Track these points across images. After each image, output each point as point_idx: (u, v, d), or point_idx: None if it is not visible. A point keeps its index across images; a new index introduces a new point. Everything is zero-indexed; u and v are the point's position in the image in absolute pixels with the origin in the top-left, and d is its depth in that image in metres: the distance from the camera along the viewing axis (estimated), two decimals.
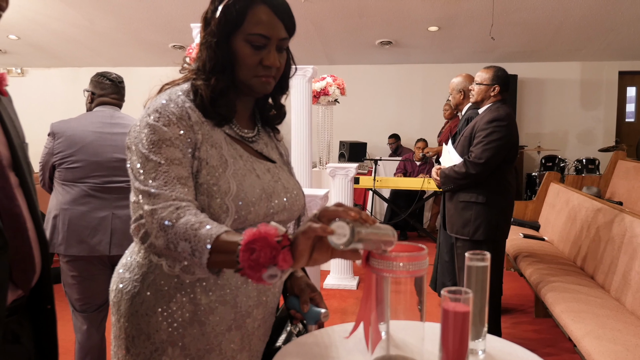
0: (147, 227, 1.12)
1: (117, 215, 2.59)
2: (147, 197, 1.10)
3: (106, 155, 2.60)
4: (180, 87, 1.27)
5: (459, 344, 0.85)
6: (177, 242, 1.04)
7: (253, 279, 0.92)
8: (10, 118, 1.16)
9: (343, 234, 0.89)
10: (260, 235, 0.91)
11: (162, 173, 1.12)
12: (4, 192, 1.03)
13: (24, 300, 1.11)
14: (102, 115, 2.69)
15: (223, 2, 1.22)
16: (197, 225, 1.02)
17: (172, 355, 1.21)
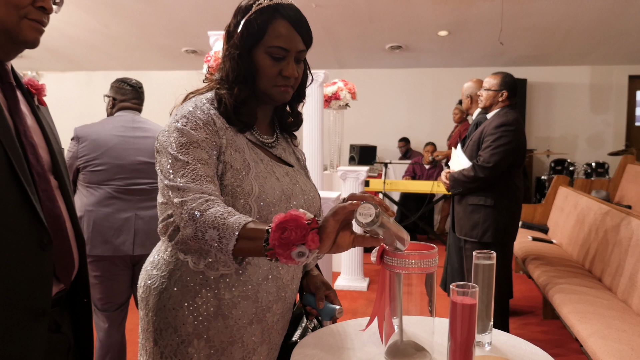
0: (176, 219, 1.19)
1: (140, 216, 2.67)
2: (176, 191, 1.18)
3: (129, 158, 2.69)
4: (205, 96, 1.36)
5: (467, 334, 0.93)
6: (206, 230, 1.10)
7: (282, 256, 0.99)
8: (49, 125, 1.25)
9: (369, 214, 0.97)
10: (291, 217, 0.99)
11: (190, 171, 1.19)
12: (46, 195, 1.11)
13: (65, 293, 1.20)
14: (124, 119, 2.78)
15: (245, 17, 1.31)
16: (225, 214, 1.09)
17: (198, 347, 1.29)
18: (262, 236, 1.03)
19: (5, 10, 1.07)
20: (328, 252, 1.02)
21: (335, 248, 1.02)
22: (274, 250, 1.00)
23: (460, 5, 6.22)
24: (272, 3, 1.31)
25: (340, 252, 1.04)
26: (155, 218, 2.71)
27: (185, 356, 1.30)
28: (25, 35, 1.11)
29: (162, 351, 1.32)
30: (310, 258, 0.99)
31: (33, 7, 1.10)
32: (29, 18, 1.10)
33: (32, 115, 1.20)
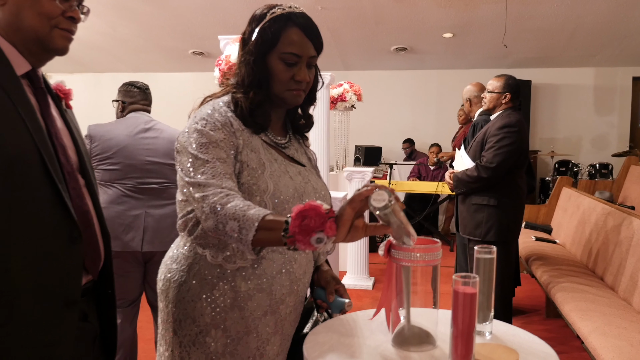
0: (197, 213, 1.25)
1: (150, 214, 2.75)
2: (197, 187, 1.25)
3: (140, 158, 2.77)
4: (222, 99, 1.44)
5: (468, 321, 1.00)
6: (226, 222, 1.16)
7: (301, 243, 1.06)
8: (76, 128, 1.33)
9: (382, 199, 1.05)
10: (310, 206, 1.06)
11: (210, 168, 1.27)
12: (75, 192, 1.20)
13: (92, 284, 1.29)
14: (135, 121, 2.86)
15: (260, 25, 1.39)
16: (245, 207, 1.17)
17: (215, 336, 1.37)
18: (281, 226, 1.10)
19: (38, 20, 1.15)
20: (343, 240, 1.09)
21: (350, 237, 1.09)
22: (294, 237, 1.07)
23: (465, 7, 6.28)
24: (284, 12, 1.39)
25: (354, 241, 1.11)
26: (165, 216, 2.80)
27: (203, 345, 1.38)
28: (56, 44, 1.20)
29: (181, 341, 1.40)
30: (328, 245, 1.06)
31: (63, 17, 1.19)
32: (60, 27, 1.19)
33: (61, 118, 1.28)
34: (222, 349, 1.38)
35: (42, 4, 1.15)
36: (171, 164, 2.81)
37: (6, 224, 1.07)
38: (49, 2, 1.16)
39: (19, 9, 1.15)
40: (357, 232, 1.10)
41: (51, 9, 1.16)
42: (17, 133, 1.09)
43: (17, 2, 1.14)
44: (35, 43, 1.18)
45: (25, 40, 1.17)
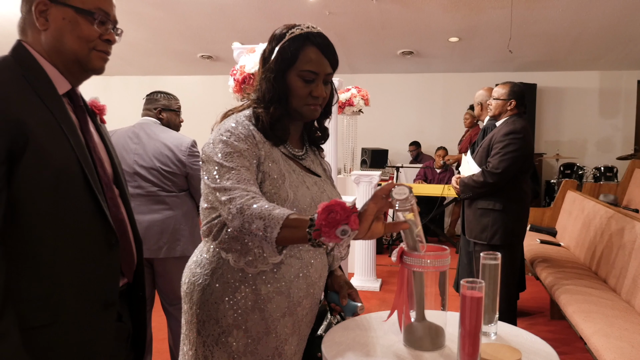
0: (223, 214, 1.33)
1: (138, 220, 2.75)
2: (223, 191, 1.33)
3: (128, 164, 2.79)
4: (243, 113, 1.53)
5: (475, 323, 1.09)
6: (252, 221, 1.24)
7: (327, 235, 1.14)
8: (109, 141, 1.44)
9: (403, 192, 1.16)
10: (336, 202, 1.15)
11: (235, 174, 1.35)
12: (112, 202, 1.31)
13: (126, 287, 1.39)
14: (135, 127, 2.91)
15: (280, 44, 1.49)
16: (271, 208, 1.25)
17: (237, 336, 1.47)
18: (305, 224, 1.18)
19: (78, 43, 1.26)
20: (364, 235, 1.17)
21: (370, 234, 1.18)
22: (320, 230, 1.14)
23: (471, 12, 6.36)
24: (303, 32, 1.48)
25: (373, 238, 1.20)
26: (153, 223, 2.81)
27: (225, 345, 1.47)
28: (94, 64, 1.30)
29: (205, 340, 1.49)
30: (351, 237, 1.15)
31: (100, 40, 1.29)
32: (97, 49, 1.29)
33: (97, 132, 1.39)
34: (244, 349, 1.47)
35: (81, 28, 1.26)
36: (158, 168, 2.82)
37: (53, 232, 1.17)
38: (87, 27, 1.26)
39: (60, 33, 1.25)
40: (377, 227, 1.18)
41: (90, 33, 1.27)
42: (62, 148, 1.19)
43: (59, 27, 1.25)
44: (75, 64, 1.29)
45: (66, 61, 1.28)
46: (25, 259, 1.16)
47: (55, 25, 1.25)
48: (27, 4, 1.26)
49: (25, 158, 1.13)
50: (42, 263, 1.17)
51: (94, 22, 1.27)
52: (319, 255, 1.58)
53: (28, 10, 1.26)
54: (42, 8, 1.24)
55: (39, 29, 1.25)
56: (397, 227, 1.21)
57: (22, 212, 1.14)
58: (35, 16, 1.24)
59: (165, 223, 2.84)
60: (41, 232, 1.17)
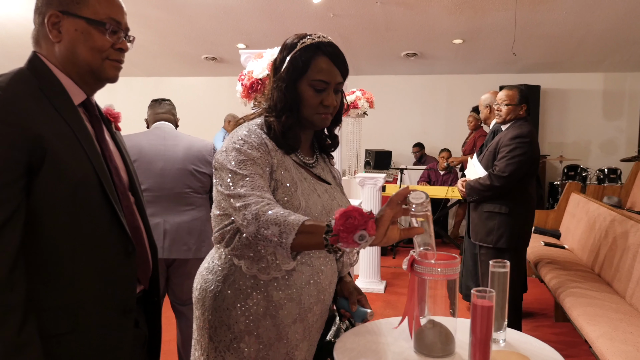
0: (237, 220, 1.34)
1: (168, 221, 2.82)
2: (237, 197, 1.34)
3: (158, 166, 2.84)
4: (255, 122, 1.55)
5: (485, 331, 1.11)
6: (268, 227, 1.24)
7: (345, 240, 1.15)
8: (124, 149, 1.46)
9: (420, 197, 1.19)
10: (353, 208, 1.16)
11: (249, 182, 1.36)
12: (128, 210, 1.33)
13: (142, 293, 1.41)
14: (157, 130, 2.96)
15: (291, 53, 1.50)
16: (286, 214, 1.26)
17: (249, 342, 1.49)
18: (322, 230, 1.19)
19: (91, 54, 1.28)
20: (380, 241, 1.18)
21: (386, 239, 1.19)
22: (338, 236, 1.15)
23: (475, 14, 6.37)
24: (314, 42, 1.50)
25: (389, 243, 1.21)
26: (183, 224, 2.87)
27: (237, 351, 1.49)
28: (108, 74, 1.32)
29: (217, 346, 1.52)
30: (369, 243, 1.16)
31: (113, 49, 1.31)
32: (110, 59, 1.31)
33: (112, 140, 1.41)
34: (255, 354, 1.49)
35: (94, 39, 1.27)
36: (190, 171, 2.88)
37: (71, 242, 1.20)
38: (100, 37, 1.28)
39: (73, 45, 1.27)
40: (393, 233, 1.20)
41: (102, 43, 1.28)
42: (79, 160, 1.22)
43: (72, 39, 1.26)
44: (89, 74, 1.30)
45: (80, 72, 1.30)
46: (45, 269, 1.18)
47: (68, 37, 1.26)
48: (40, 16, 1.27)
49: (43, 171, 1.15)
50: (62, 272, 1.20)
51: (105, 32, 1.28)
52: (329, 262, 1.60)
53: (41, 22, 1.28)
54: (55, 20, 1.25)
55: (52, 41, 1.27)
56: (412, 233, 1.24)
57: (41, 223, 1.17)
58: (48, 28, 1.26)
59: (193, 224, 2.89)
60: (60, 243, 1.19)
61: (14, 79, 1.21)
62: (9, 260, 1.10)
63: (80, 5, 1.25)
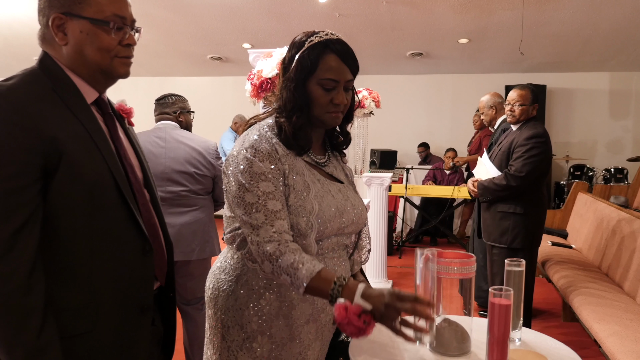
0: (253, 252, 1.39)
1: (171, 224, 2.77)
2: (250, 228, 1.38)
3: (162, 166, 2.82)
4: (266, 122, 1.53)
5: (503, 330, 1.10)
6: (280, 274, 1.34)
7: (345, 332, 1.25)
8: (138, 145, 1.45)
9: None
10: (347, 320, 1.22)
11: (261, 207, 1.38)
12: (144, 208, 1.32)
13: (158, 290, 1.41)
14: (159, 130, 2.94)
15: (299, 52, 1.47)
16: (296, 264, 1.32)
17: (261, 342, 1.48)
18: (327, 291, 1.29)
19: (99, 54, 1.26)
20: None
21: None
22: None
23: (481, 14, 6.36)
24: (322, 39, 1.47)
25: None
26: (185, 225, 2.85)
27: (250, 350, 1.49)
28: (118, 71, 1.31)
29: (229, 345, 1.51)
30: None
31: (121, 46, 1.29)
32: (119, 56, 1.29)
33: (126, 137, 1.40)
34: (268, 354, 1.49)
35: (100, 39, 1.25)
36: (192, 173, 2.87)
37: (88, 242, 1.20)
38: (106, 37, 1.25)
39: (80, 47, 1.25)
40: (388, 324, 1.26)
41: (109, 42, 1.26)
42: (94, 161, 1.21)
43: (78, 41, 1.25)
44: (99, 73, 1.29)
45: (90, 72, 1.28)
46: (63, 270, 1.18)
47: (74, 39, 1.24)
48: (44, 18, 1.25)
49: (59, 173, 1.15)
50: (79, 273, 1.20)
51: (111, 31, 1.26)
52: (342, 262, 1.59)
53: (45, 24, 1.26)
54: (59, 23, 1.24)
55: (58, 43, 1.25)
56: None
57: (58, 225, 1.17)
58: (53, 31, 1.24)
59: (196, 225, 2.89)
60: (77, 243, 1.19)
61: (26, 81, 1.20)
62: (28, 263, 1.11)
63: (83, 5, 1.23)
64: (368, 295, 1.25)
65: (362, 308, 1.21)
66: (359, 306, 1.21)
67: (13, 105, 1.13)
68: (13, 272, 1.09)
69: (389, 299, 1.22)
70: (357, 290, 1.26)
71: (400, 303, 1.21)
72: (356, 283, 1.29)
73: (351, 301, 1.24)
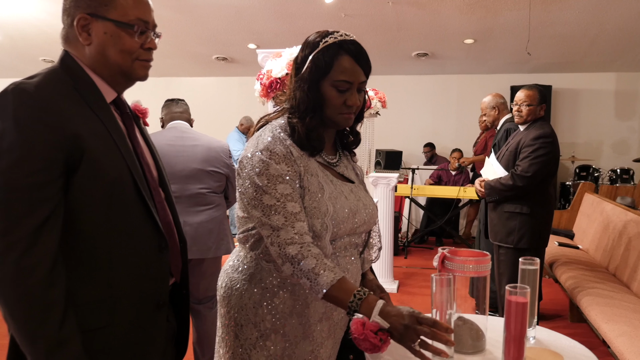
0: (273, 254, 1.39)
1: (188, 222, 2.83)
2: (269, 229, 1.38)
3: (180, 166, 2.86)
4: (278, 123, 1.52)
5: (520, 328, 1.11)
6: (300, 277, 1.34)
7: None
8: (152, 144, 1.47)
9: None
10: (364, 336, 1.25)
11: (280, 209, 1.38)
12: (160, 206, 1.34)
13: (172, 286, 1.43)
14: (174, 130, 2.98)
15: (313, 53, 1.47)
16: (317, 270, 1.32)
17: (275, 340, 1.49)
18: (346, 302, 1.30)
19: (121, 56, 1.29)
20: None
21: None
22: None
23: (487, 14, 6.35)
24: (337, 40, 1.46)
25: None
26: (202, 224, 2.89)
27: (263, 348, 1.49)
28: (138, 74, 1.33)
29: (242, 344, 1.51)
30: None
31: (142, 49, 1.31)
32: (140, 59, 1.31)
33: (141, 136, 1.41)
34: (281, 352, 1.49)
35: (123, 42, 1.27)
36: (210, 171, 2.92)
37: (107, 238, 1.22)
38: (129, 40, 1.28)
39: (103, 48, 1.27)
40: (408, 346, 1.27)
41: (132, 45, 1.28)
42: (114, 159, 1.23)
43: (102, 42, 1.27)
44: (119, 75, 1.31)
45: (111, 72, 1.30)
46: (82, 265, 1.20)
47: (97, 40, 1.27)
48: (69, 18, 1.27)
49: (81, 170, 1.17)
50: (98, 268, 1.21)
51: (134, 34, 1.28)
52: (354, 261, 1.59)
53: (70, 24, 1.28)
54: (84, 23, 1.26)
55: (82, 43, 1.27)
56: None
57: (78, 220, 1.19)
58: (77, 31, 1.26)
59: (212, 223, 2.94)
60: (97, 239, 1.21)
61: (49, 79, 1.22)
62: (50, 257, 1.13)
63: (109, 8, 1.25)
64: (386, 314, 1.25)
65: (380, 325, 1.22)
66: (377, 323, 1.22)
67: (38, 102, 1.15)
68: (36, 266, 1.10)
69: (408, 321, 1.22)
70: (376, 307, 1.27)
71: (419, 326, 1.22)
72: (375, 299, 1.29)
73: (369, 317, 1.26)
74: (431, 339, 1.20)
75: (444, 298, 1.22)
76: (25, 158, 1.11)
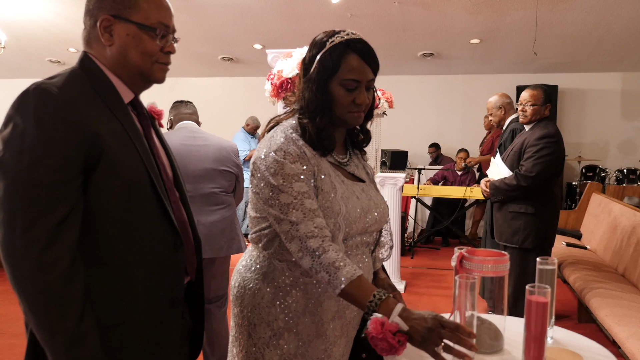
0: (292, 250, 1.39)
1: (201, 222, 2.85)
2: (288, 224, 1.37)
3: (193, 165, 2.88)
4: (289, 123, 1.52)
5: (540, 327, 1.10)
6: (319, 271, 1.33)
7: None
8: (167, 144, 1.47)
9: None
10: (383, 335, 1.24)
11: (298, 205, 1.38)
12: (175, 205, 1.35)
13: (187, 284, 1.44)
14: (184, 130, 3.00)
15: (320, 52, 1.47)
16: (338, 264, 1.32)
17: (288, 339, 1.49)
18: (364, 301, 1.30)
19: (142, 58, 1.31)
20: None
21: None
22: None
23: (493, 14, 6.34)
24: (343, 39, 1.46)
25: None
26: (215, 223, 2.92)
27: (276, 347, 1.49)
28: (157, 76, 1.35)
29: (256, 343, 1.52)
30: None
31: (162, 53, 1.33)
32: (159, 62, 1.33)
33: (157, 137, 1.42)
34: (294, 351, 1.49)
35: (144, 44, 1.29)
36: (222, 171, 2.94)
37: (124, 237, 1.23)
38: (150, 42, 1.30)
39: (125, 49, 1.29)
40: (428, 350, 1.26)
41: (152, 48, 1.31)
42: (132, 158, 1.25)
43: (123, 44, 1.29)
44: (138, 76, 1.33)
45: (130, 74, 1.32)
46: (100, 262, 1.21)
47: (119, 41, 1.28)
48: (92, 19, 1.29)
49: (100, 169, 1.18)
50: (115, 265, 1.23)
51: (156, 37, 1.30)
52: (366, 259, 1.59)
53: (92, 25, 1.30)
54: (107, 24, 1.28)
55: (104, 44, 1.29)
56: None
57: (96, 219, 1.20)
58: (100, 32, 1.28)
59: (224, 223, 2.97)
60: (114, 237, 1.22)
61: (69, 79, 1.23)
62: (70, 253, 1.14)
63: (132, 10, 1.28)
64: (406, 317, 1.25)
65: (399, 327, 1.22)
66: (396, 324, 1.22)
67: (59, 101, 1.16)
68: (56, 262, 1.12)
69: (432, 324, 1.22)
70: (396, 309, 1.26)
71: (442, 330, 1.21)
72: (395, 301, 1.29)
73: (387, 317, 1.25)
74: (455, 343, 1.20)
75: (467, 300, 1.22)
76: (46, 156, 1.12)
